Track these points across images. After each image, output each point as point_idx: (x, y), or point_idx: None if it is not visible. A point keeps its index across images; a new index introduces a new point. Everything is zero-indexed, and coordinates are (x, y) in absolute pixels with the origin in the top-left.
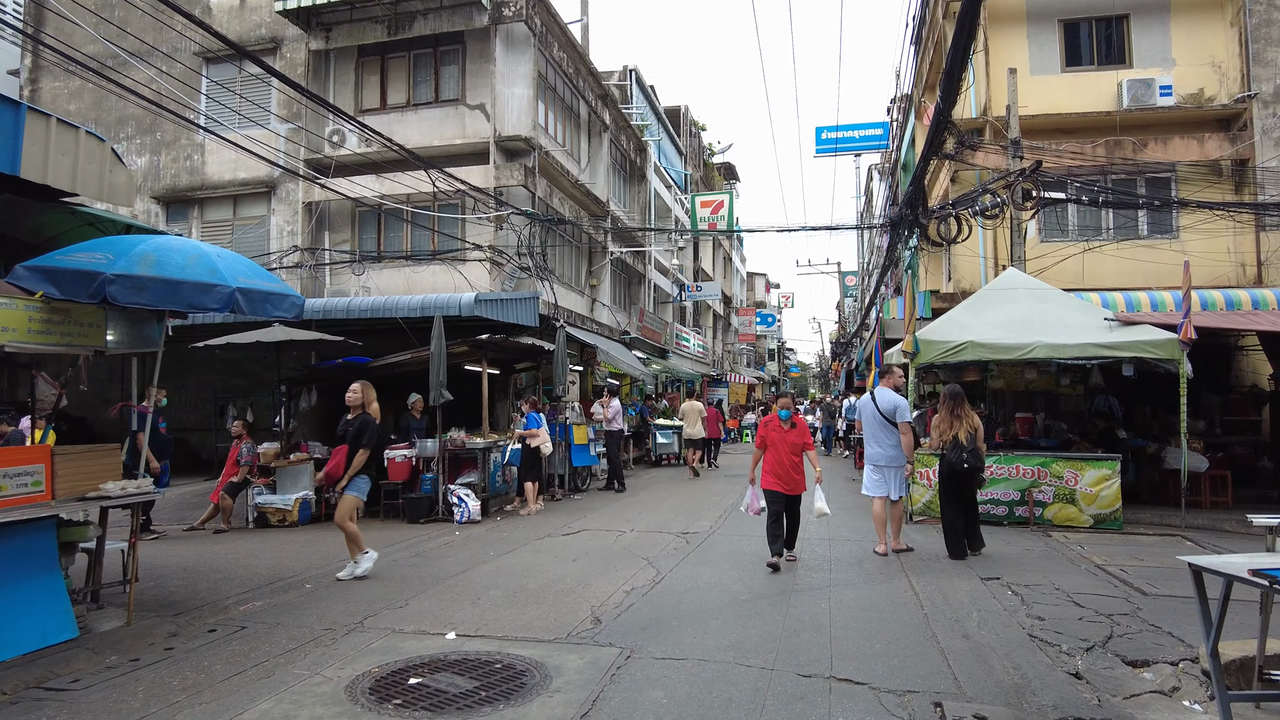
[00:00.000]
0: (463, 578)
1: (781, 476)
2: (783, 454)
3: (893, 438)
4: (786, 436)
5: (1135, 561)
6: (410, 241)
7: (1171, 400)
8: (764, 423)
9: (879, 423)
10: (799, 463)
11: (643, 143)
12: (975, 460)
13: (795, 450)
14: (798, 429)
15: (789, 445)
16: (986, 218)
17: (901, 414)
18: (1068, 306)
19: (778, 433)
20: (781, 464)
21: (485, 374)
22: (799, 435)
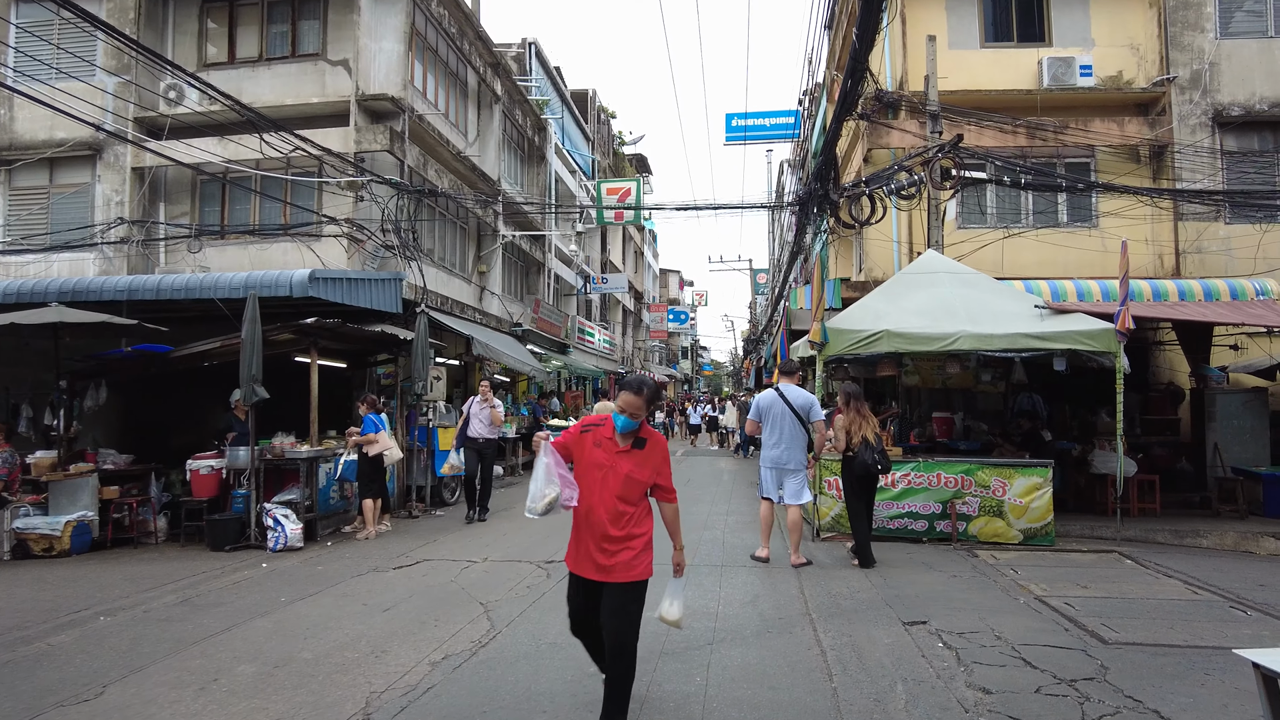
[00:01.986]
0: (218, 641)
1: (592, 543)
2: (604, 497)
3: (804, 439)
4: (619, 464)
5: (1080, 590)
6: (259, 215)
7: (1091, 398)
8: (575, 431)
9: (792, 423)
10: (636, 517)
11: (542, 120)
12: (885, 461)
13: (632, 493)
14: (647, 452)
15: (621, 482)
16: (902, 197)
17: (816, 412)
18: (994, 292)
19: (602, 455)
20: (597, 519)
21: (314, 366)
22: (646, 465)
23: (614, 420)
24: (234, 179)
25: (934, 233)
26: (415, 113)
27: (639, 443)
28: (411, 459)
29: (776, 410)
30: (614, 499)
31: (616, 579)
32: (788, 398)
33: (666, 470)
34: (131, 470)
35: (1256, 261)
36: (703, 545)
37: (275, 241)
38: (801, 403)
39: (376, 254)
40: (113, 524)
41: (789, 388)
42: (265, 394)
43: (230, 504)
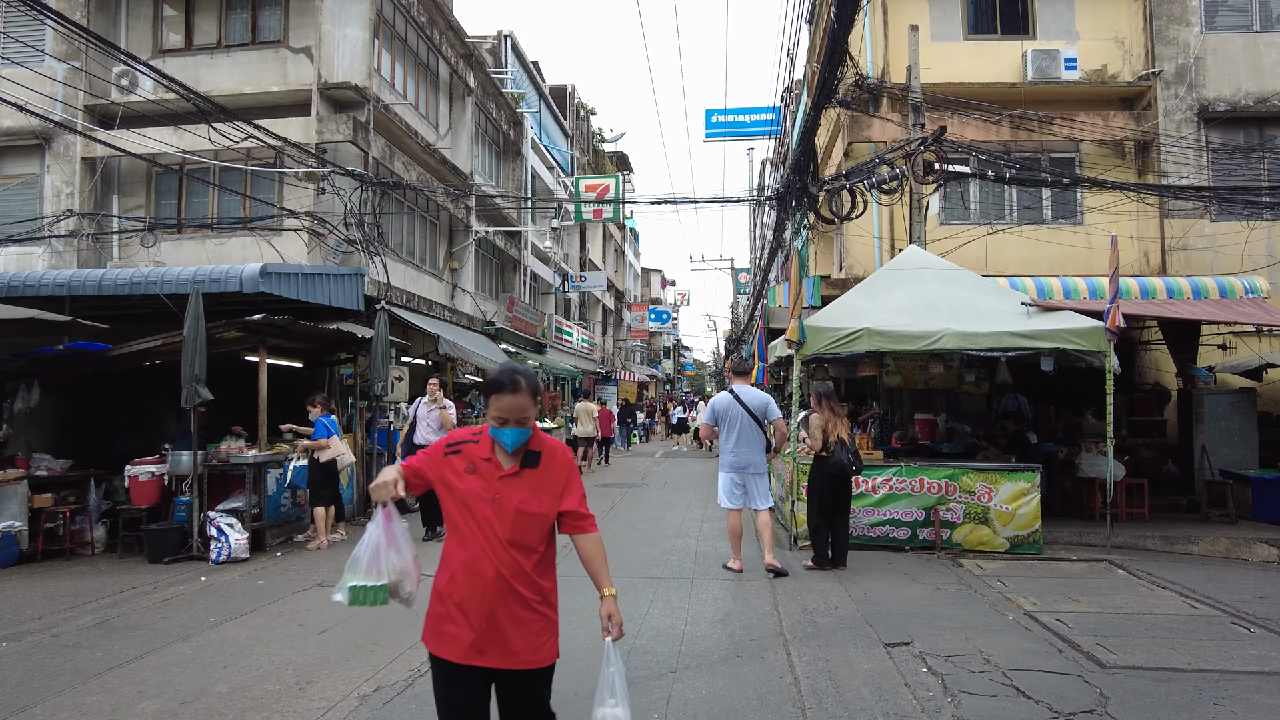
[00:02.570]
0: (126, 671)
1: (480, 612)
2: (491, 545)
3: (762, 440)
4: (506, 495)
5: (1071, 605)
6: (217, 208)
7: (1077, 399)
8: (436, 452)
9: (749, 424)
10: (541, 569)
11: (517, 115)
12: (859, 462)
13: (529, 534)
14: (543, 471)
15: (512, 520)
16: (884, 192)
17: (773, 411)
18: (978, 289)
19: (479, 484)
20: (482, 578)
21: (263, 365)
22: (544, 489)
23: (494, 434)
24: (191, 171)
25: (916, 228)
26: (381, 102)
27: (531, 459)
28: (371, 464)
29: (733, 413)
30: (505, 547)
31: (522, 664)
32: (743, 399)
33: (577, 489)
34: (68, 476)
35: (1243, 259)
36: (674, 555)
37: (234, 236)
38: (757, 403)
39: (339, 249)
40: (44, 535)
41: (743, 389)
42: (209, 395)
43: (172, 513)
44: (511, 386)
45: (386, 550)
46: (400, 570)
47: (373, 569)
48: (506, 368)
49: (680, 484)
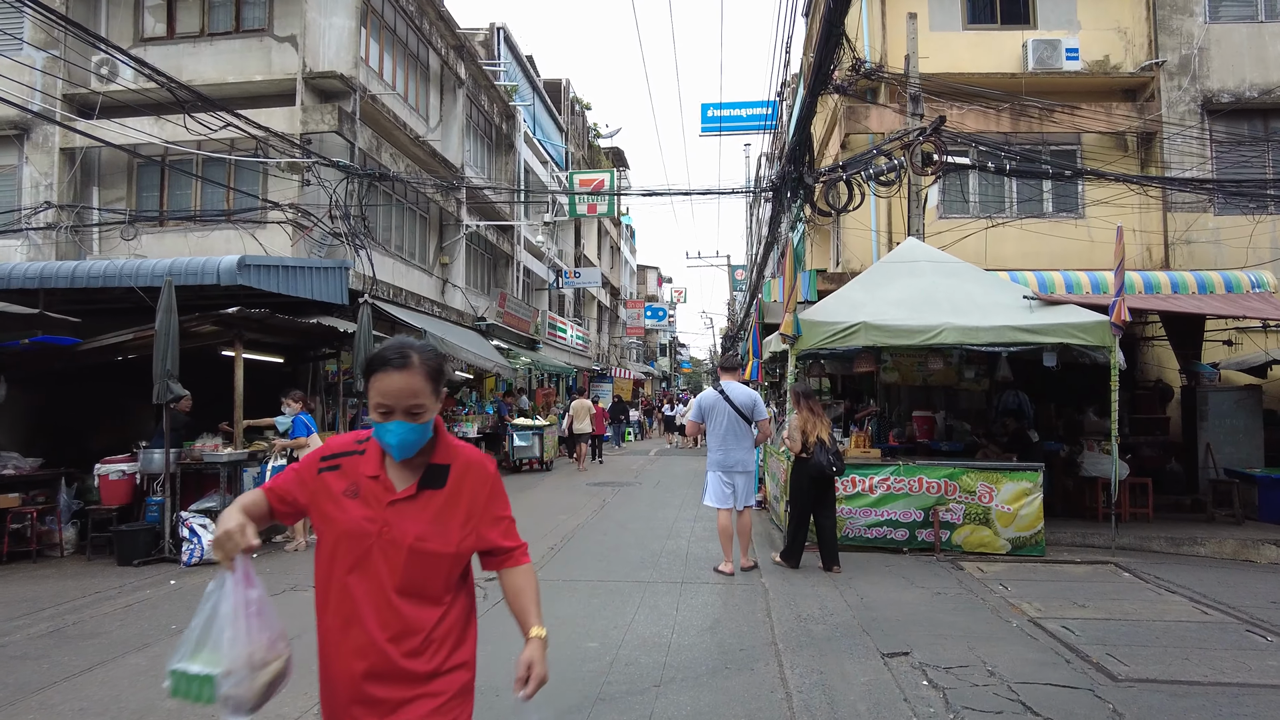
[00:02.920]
0: (72, 685)
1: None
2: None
3: (749, 439)
4: (398, 526)
5: (1077, 610)
6: (200, 200)
7: (1078, 396)
8: (309, 466)
9: (735, 422)
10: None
11: (510, 108)
12: (840, 463)
13: (429, 580)
14: (451, 492)
15: (404, 561)
16: (881, 183)
17: (760, 411)
18: (979, 283)
19: (360, 513)
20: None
21: (239, 360)
22: (452, 519)
23: (377, 435)
24: (173, 162)
25: (915, 221)
26: (368, 92)
27: (434, 476)
28: None
29: (719, 410)
30: (391, 597)
31: None
32: (730, 396)
33: (500, 513)
34: (37, 475)
35: (1248, 253)
36: (664, 557)
37: (217, 228)
38: (745, 401)
39: (323, 242)
40: (10, 536)
41: (731, 385)
42: (182, 391)
43: (144, 513)
44: (399, 361)
45: (227, 627)
46: (238, 660)
47: (201, 651)
48: (396, 344)
49: (673, 483)
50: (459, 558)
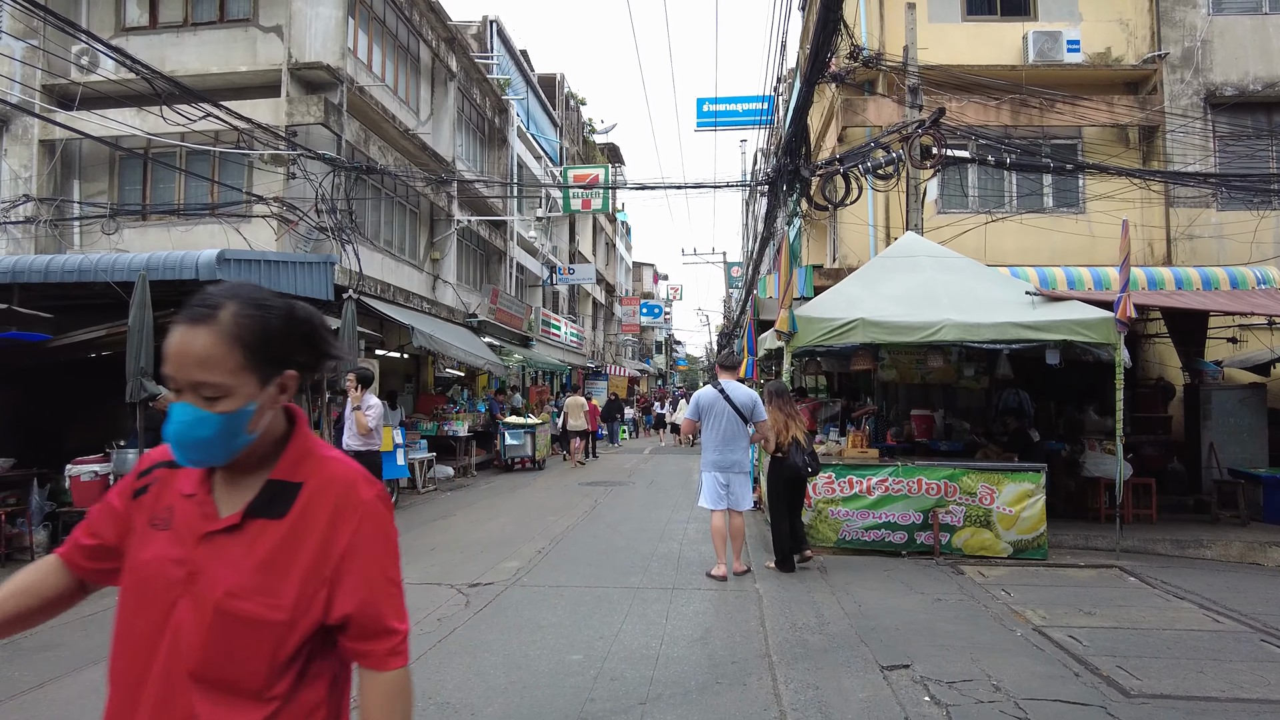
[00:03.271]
0: (21, 703)
1: None
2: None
3: (746, 440)
4: (208, 574)
5: (1084, 618)
6: (184, 194)
7: (1078, 394)
8: (124, 488)
9: (734, 422)
10: None
11: (503, 101)
12: (815, 464)
13: (242, 662)
14: (293, 525)
15: (208, 626)
16: (879, 177)
17: (760, 411)
18: (980, 278)
19: (165, 551)
20: None
21: None
22: (291, 568)
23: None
24: (156, 155)
25: (913, 215)
26: (355, 84)
27: (270, 499)
28: None
29: (718, 409)
30: (180, 689)
31: None
32: (729, 395)
33: (383, 572)
34: (8, 476)
35: (1251, 248)
36: (655, 561)
37: (200, 223)
38: (744, 400)
39: (309, 236)
40: None
41: (731, 384)
42: (157, 389)
43: None
44: (195, 312)
45: None
46: None
47: None
48: (226, 285)
49: (668, 483)
50: (291, 629)
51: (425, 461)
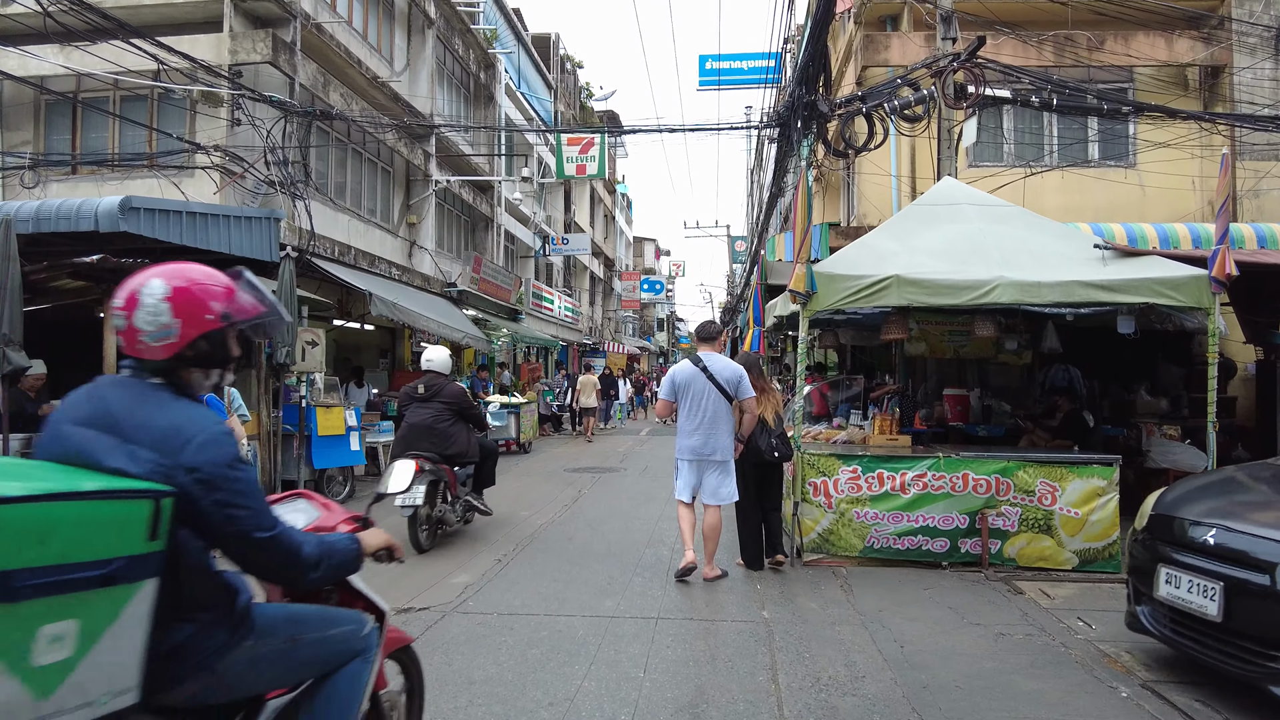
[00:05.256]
0: None
1: None
2: None
3: (731, 422)
4: None
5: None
6: (119, 143)
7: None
8: None
9: (716, 401)
10: None
11: (489, 56)
12: (785, 448)
13: None
14: None
15: None
16: (906, 119)
17: (745, 388)
18: (1034, 229)
19: None
20: None
21: (110, 324)
22: None
23: None
24: (88, 100)
25: (945, 164)
26: (311, 20)
27: None
28: (278, 446)
29: (696, 386)
30: None
31: None
32: (710, 370)
33: None
34: None
35: None
36: (639, 575)
37: (136, 176)
38: (727, 376)
39: (257, 191)
40: None
41: (711, 357)
42: (25, 361)
43: None
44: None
45: None
46: None
47: None
48: None
49: (663, 469)
50: None
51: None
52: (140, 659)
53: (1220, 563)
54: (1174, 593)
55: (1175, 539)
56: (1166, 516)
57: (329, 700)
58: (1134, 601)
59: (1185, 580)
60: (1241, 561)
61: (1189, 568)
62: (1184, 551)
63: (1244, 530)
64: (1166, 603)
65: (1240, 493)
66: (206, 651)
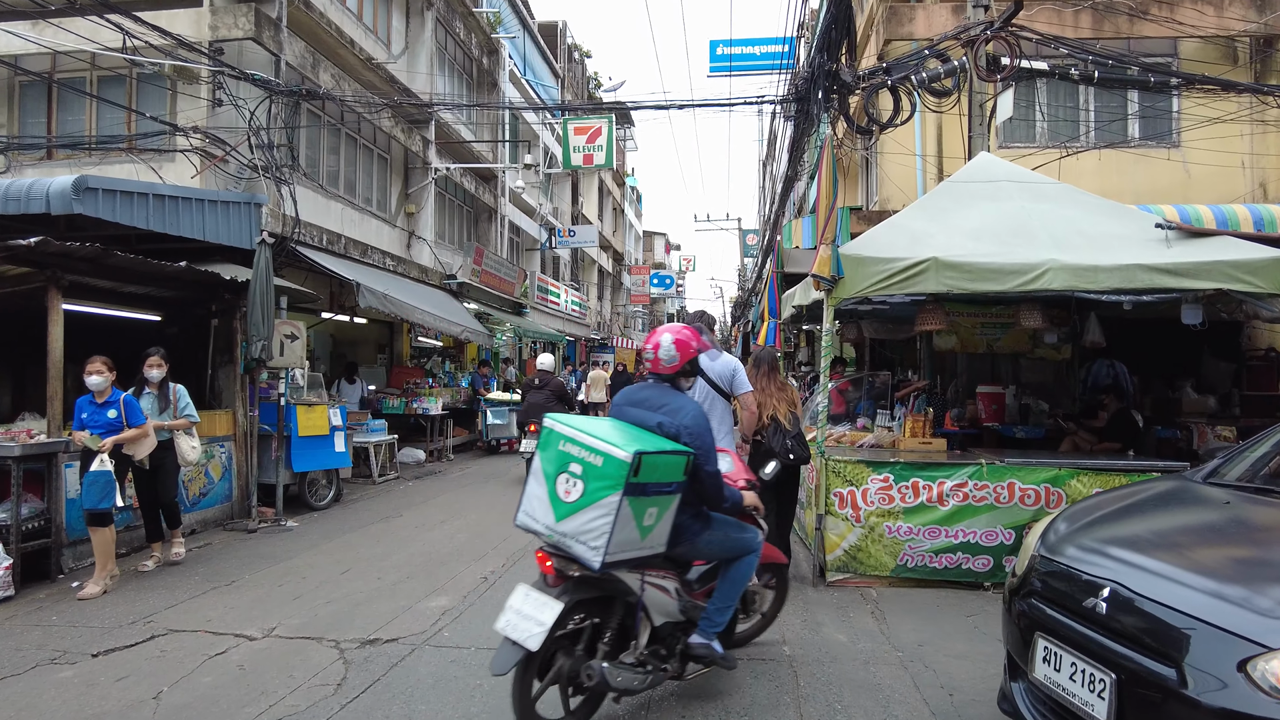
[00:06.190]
0: None
1: None
2: None
3: (729, 420)
4: None
5: None
6: (96, 125)
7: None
8: None
9: (712, 399)
10: None
11: (493, 41)
12: (802, 450)
13: None
14: None
15: None
16: (934, 93)
17: (740, 382)
18: (1083, 208)
19: None
20: None
21: (56, 313)
22: None
23: None
24: (64, 80)
25: (976, 142)
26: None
27: None
28: (253, 447)
29: None
30: None
31: None
32: (701, 365)
33: None
34: None
35: None
36: None
37: (113, 160)
38: (719, 370)
39: (240, 175)
40: None
41: (708, 351)
42: None
43: None
44: None
45: None
46: None
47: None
48: None
49: None
50: None
51: (384, 445)
52: (669, 529)
53: (1114, 639)
54: (1053, 676)
55: (1058, 595)
56: (1050, 561)
57: (731, 575)
58: (1009, 675)
59: (1067, 661)
60: (1140, 643)
61: (1073, 642)
62: (1069, 615)
63: (1149, 594)
64: (1044, 689)
65: (1163, 521)
66: (692, 531)
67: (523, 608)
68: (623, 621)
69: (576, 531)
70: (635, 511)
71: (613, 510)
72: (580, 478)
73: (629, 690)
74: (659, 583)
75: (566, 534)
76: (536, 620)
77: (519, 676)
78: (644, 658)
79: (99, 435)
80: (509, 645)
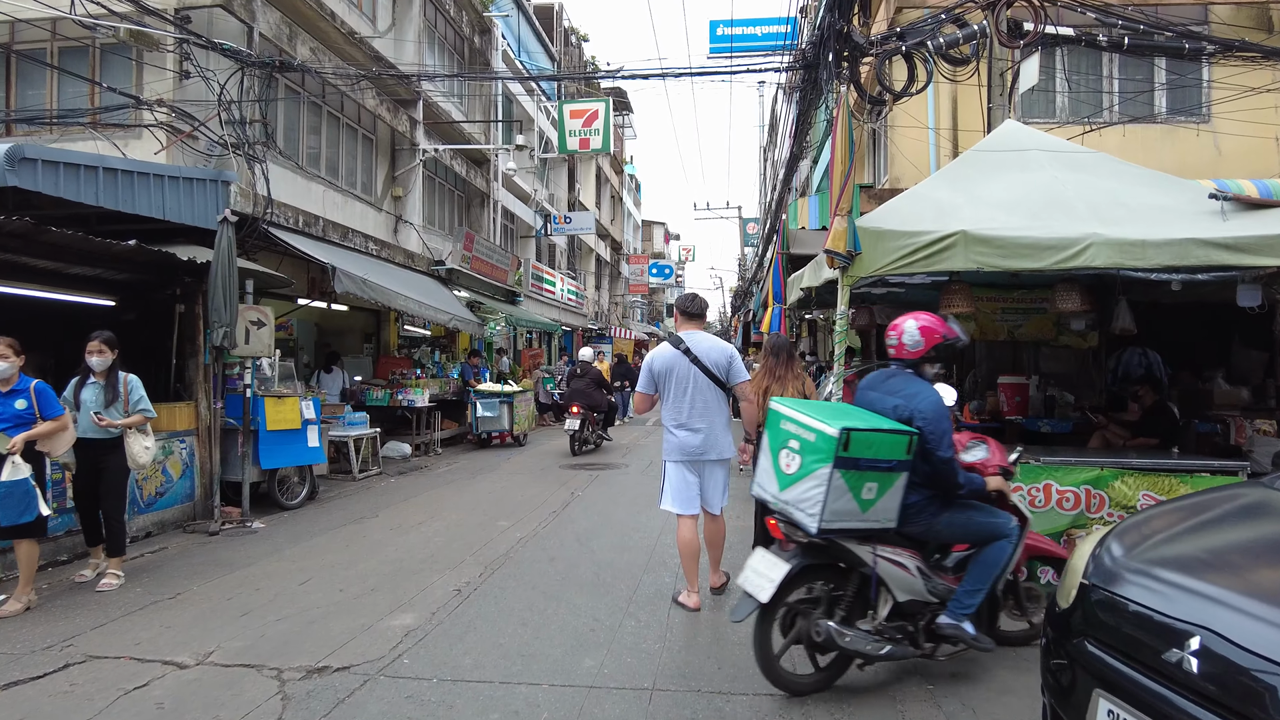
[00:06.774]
0: None
1: None
2: None
3: (726, 412)
4: None
5: None
6: (57, 99)
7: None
8: None
9: (705, 389)
10: None
11: (485, 20)
12: None
13: None
14: None
15: None
16: (950, 61)
17: (738, 370)
18: (1123, 178)
19: None
20: None
21: None
22: None
23: None
24: (21, 51)
25: (996, 114)
26: None
27: None
28: (216, 441)
29: (679, 373)
30: None
31: None
32: (695, 353)
33: None
34: None
35: None
36: (630, 617)
37: (75, 136)
38: (715, 357)
39: (210, 152)
40: None
41: (695, 336)
42: None
43: None
44: None
45: None
46: None
47: None
48: None
49: None
50: None
51: (365, 439)
52: (898, 507)
53: (1209, 708)
54: None
55: (1122, 642)
56: (1107, 593)
57: (982, 559)
58: None
59: None
60: (1246, 716)
61: (1148, 708)
62: (1139, 669)
63: (1258, 649)
64: None
65: (1257, 543)
66: (927, 511)
67: (759, 567)
68: (859, 591)
69: (796, 500)
70: (850, 484)
71: (824, 481)
72: (798, 453)
73: (860, 653)
74: (894, 558)
75: (789, 502)
76: (768, 578)
77: (757, 626)
78: (882, 628)
79: (5, 432)
80: (746, 598)
